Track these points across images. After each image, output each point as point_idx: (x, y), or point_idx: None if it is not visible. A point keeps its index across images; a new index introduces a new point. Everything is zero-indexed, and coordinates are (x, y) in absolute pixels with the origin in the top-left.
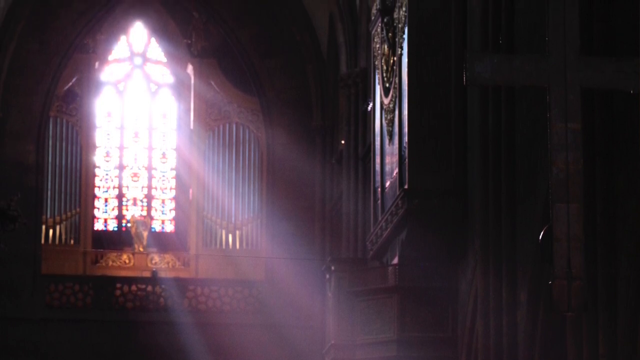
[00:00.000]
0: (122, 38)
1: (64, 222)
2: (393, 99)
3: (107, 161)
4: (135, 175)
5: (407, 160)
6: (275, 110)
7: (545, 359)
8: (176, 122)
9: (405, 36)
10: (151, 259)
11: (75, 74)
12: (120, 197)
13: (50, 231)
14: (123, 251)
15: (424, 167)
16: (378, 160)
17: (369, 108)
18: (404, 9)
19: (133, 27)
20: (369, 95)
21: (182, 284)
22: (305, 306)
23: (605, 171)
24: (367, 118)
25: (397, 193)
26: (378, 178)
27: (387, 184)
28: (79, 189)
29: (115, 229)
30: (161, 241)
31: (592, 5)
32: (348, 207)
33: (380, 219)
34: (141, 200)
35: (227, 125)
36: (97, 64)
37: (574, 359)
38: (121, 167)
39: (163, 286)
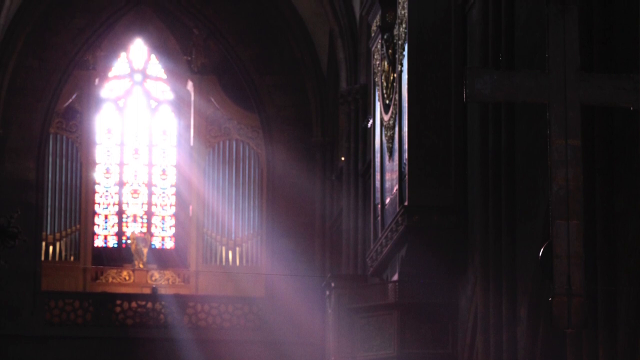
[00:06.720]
0: (122, 55)
1: (64, 239)
2: (393, 116)
3: (107, 178)
4: (135, 192)
5: (407, 176)
6: (275, 127)
7: None
8: (176, 139)
9: (405, 53)
10: (151, 276)
11: (75, 90)
12: (120, 213)
13: (50, 248)
14: (123, 268)
15: (424, 184)
16: (378, 176)
17: (369, 124)
18: (404, 25)
19: (133, 44)
20: (369, 111)
21: (182, 301)
22: (305, 323)
23: (605, 188)
24: (367, 134)
25: (397, 209)
26: (378, 194)
27: (387, 200)
28: (79, 206)
29: (115, 245)
30: (161, 258)
31: (592, 23)
32: (348, 224)
33: (380, 235)
34: (141, 217)
35: (227, 142)
36: (97, 80)
37: None
38: (121, 184)
39: (163, 303)
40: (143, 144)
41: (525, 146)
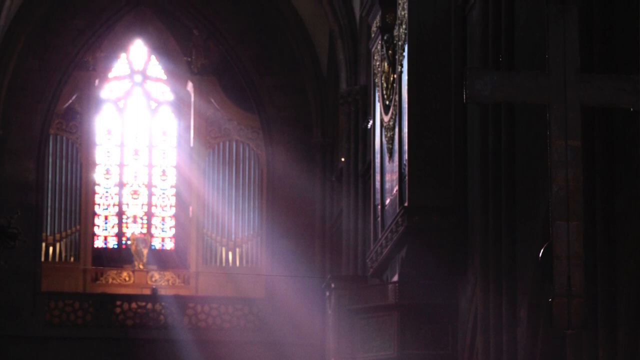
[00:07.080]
0: (122, 55)
1: (64, 240)
2: (393, 117)
3: (107, 179)
4: (135, 192)
5: (407, 177)
6: (275, 127)
7: None
8: (176, 140)
9: (405, 54)
10: (151, 277)
11: (75, 91)
12: (120, 214)
13: (50, 249)
14: (123, 269)
15: (424, 185)
16: (378, 177)
17: (369, 125)
18: (404, 26)
19: (133, 45)
20: (369, 112)
21: (182, 302)
22: (306, 324)
23: (605, 188)
24: (367, 135)
25: (397, 210)
26: (378, 195)
27: (387, 201)
28: (79, 207)
29: (115, 246)
30: (161, 258)
31: (592, 23)
32: (348, 225)
33: (380, 236)
34: (141, 218)
35: (227, 143)
36: (97, 81)
37: None
38: (121, 185)
39: (163, 303)
40: (143, 144)
41: (525, 147)
